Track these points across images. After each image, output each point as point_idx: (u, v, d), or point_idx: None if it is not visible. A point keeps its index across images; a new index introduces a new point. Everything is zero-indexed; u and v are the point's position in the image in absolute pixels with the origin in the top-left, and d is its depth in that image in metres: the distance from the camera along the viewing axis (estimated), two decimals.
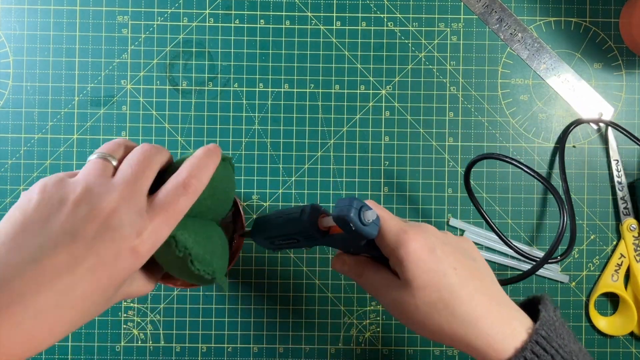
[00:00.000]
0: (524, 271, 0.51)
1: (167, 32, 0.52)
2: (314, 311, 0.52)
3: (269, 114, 0.53)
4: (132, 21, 0.52)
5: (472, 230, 0.52)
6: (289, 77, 0.53)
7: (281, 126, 0.53)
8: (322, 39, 0.53)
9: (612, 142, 0.53)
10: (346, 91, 0.53)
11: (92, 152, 0.51)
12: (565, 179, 0.51)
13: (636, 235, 0.52)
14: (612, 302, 0.53)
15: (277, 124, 0.53)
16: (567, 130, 0.52)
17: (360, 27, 0.53)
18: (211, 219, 0.37)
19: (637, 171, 0.53)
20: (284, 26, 0.53)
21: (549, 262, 0.48)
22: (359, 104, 0.53)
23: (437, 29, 0.53)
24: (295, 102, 0.53)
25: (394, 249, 0.33)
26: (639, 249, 0.52)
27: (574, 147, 0.53)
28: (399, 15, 0.53)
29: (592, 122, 0.53)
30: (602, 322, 0.52)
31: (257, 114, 0.53)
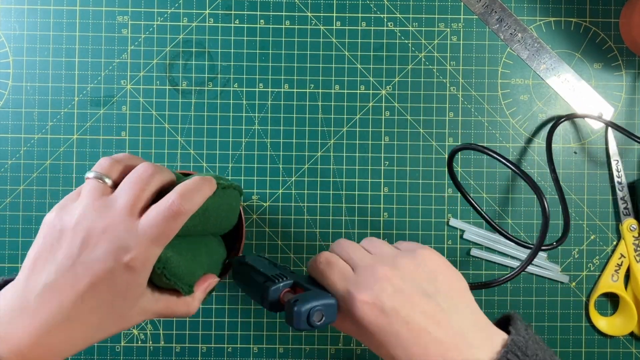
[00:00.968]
0: (525, 272, 0.51)
1: (167, 32, 0.52)
2: None
3: (269, 114, 0.53)
4: (132, 21, 0.52)
5: (472, 230, 0.52)
6: (288, 77, 0.53)
7: (281, 126, 0.53)
8: (322, 39, 0.53)
9: (612, 142, 0.53)
10: (346, 91, 0.53)
11: (92, 152, 0.52)
12: (554, 169, 0.50)
13: (636, 235, 0.52)
14: (612, 302, 0.53)
15: (277, 124, 0.53)
16: (556, 123, 0.52)
17: (360, 27, 0.53)
18: (205, 235, 0.38)
19: (637, 171, 0.53)
20: (284, 26, 0.53)
21: (542, 249, 0.46)
22: (358, 104, 0.53)
23: (437, 29, 0.53)
24: (295, 102, 0.53)
25: (347, 314, 0.35)
26: (639, 249, 0.52)
27: (575, 152, 0.53)
28: (398, 15, 0.53)
29: (586, 118, 0.53)
30: (602, 323, 0.52)
31: (257, 114, 0.53)
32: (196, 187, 0.33)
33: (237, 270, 0.41)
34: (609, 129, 0.53)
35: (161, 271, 0.33)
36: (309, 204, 0.52)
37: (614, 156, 0.53)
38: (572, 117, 0.52)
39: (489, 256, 0.52)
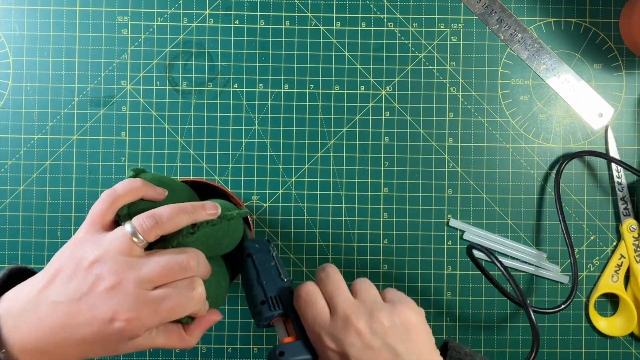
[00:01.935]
0: (524, 272, 0.51)
1: (167, 32, 0.52)
2: None
3: (269, 115, 0.53)
4: (132, 22, 0.52)
5: (472, 230, 0.52)
6: (288, 78, 0.53)
7: (281, 127, 0.53)
8: (322, 40, 0.53)
9: (612, 142, 0.53)
10: (346, 92, 0.53)
11: (92, 152, 0.52)
12: (563, 219, 0.51)
13: (636, 235, 0.52)
14: (612, 302, 0.53)
15: (277, 125, 0.53)
16: (561, 166, 0.52)
17: (360, 28, 0.53)
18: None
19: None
20: (284, 27, 0.53)
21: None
22: (358, 104, 0.53)
23: (437, 29, 0.53)
24: (295, 103, 0.53)
25: (319, 353, 0.37)
26: (639, 249, 0.52)
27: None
28: (398, 15, 0.53)
29: (584, 155, 0.53)
30: (602, 323, 0.52)
31: (257, 115, 0.53)
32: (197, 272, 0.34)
33: (244, 260, 0.41)
34: (609, 130, 0.53)
35: None
36: (308, 205, 0.52)
37: (614, 156, 0.53)
38: (578, 155, 0.52)
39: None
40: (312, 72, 0.53)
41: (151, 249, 0.34)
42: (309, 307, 0.37)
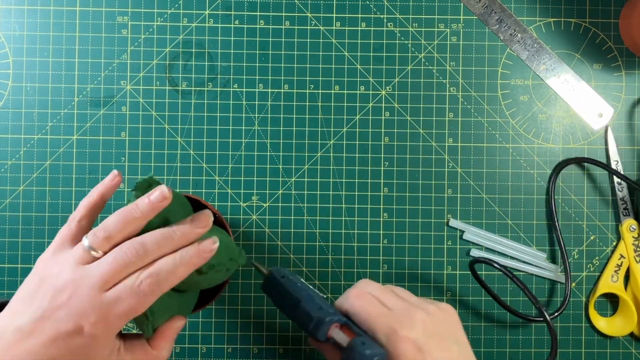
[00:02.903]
0: (523, 272, 0.51)
1: (166, 32, 0.52)
2: None
3: (269, 115, 0.53)
4: (131, 22, 0.52)
5: (471, 230, 0.52)
6: (288, 78, 0.53)
7: (281, 127, 0.53)
8: (321, 40, 0.53)
9: (611, 142, 0.53)
10: (346, 92, 0.53)
11: (91, 153, 0.52)
12: (557, 227, 0.52)
13: (636, 236, 0.52)
14: (612, 302, 0.53)
15: (276, 125, 0.53)
16: (558, 171, 0.52)
17: (359, 28, 0.53)
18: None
19: (636, 172, 0.53)
20: (284, 27, 0.53)
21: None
22: (358, 104, 0.53)
23: (436, 29, 0.53)
24: (295, 103, 0.53)
25: (386, 346, 0.37)
26: (638, 249, 0.52)
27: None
28: (398, 15, 0.53)
29: (581, 162, 0.53)
30: (602, 323, 0.52)
31: (256, 115, 0.53)
32: (171, 269, 0.33)
33: (279, 281, 0.41)
34: (609, 130, 0.53)
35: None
36: (308, 205, 0.52)
37: (614, 157, 0.53)
38: (574, 161, 0.52)
39: (488, 256, 0.52)
40: (312, 72, 0.53)
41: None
42: (369, 304, 0.38)
